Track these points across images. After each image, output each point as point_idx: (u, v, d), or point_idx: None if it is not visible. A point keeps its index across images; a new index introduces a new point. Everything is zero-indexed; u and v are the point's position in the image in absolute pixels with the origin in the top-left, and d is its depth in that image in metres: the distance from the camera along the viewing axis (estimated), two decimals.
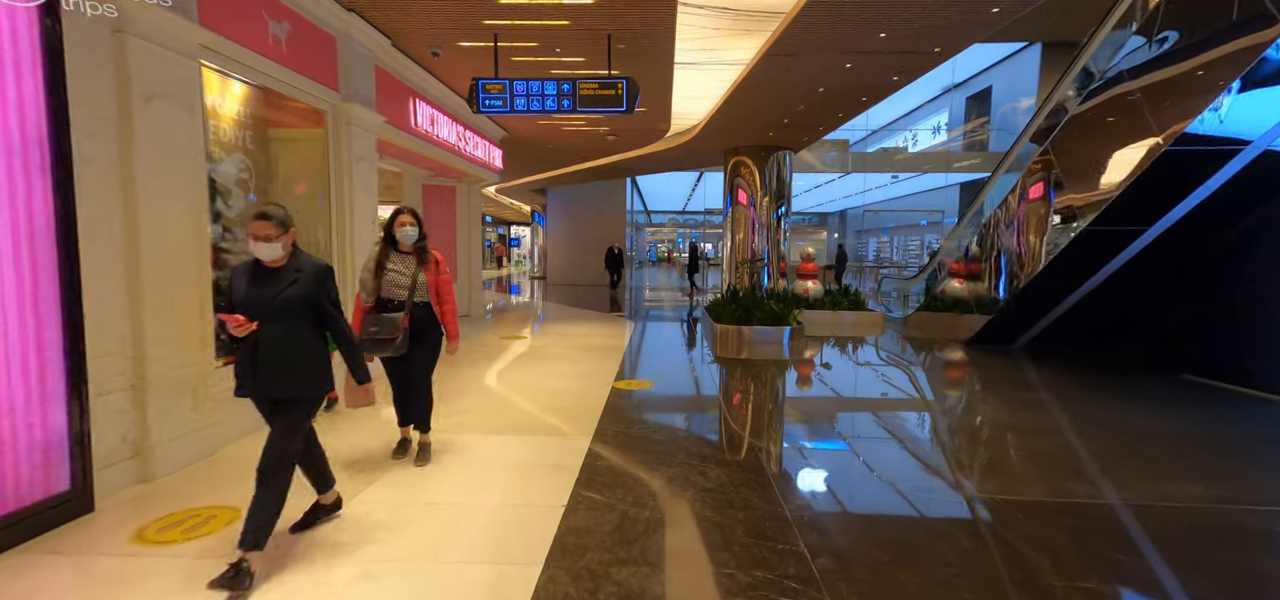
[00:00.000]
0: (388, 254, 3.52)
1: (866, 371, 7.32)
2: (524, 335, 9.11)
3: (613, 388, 5.75)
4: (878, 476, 3.76)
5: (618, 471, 3.66)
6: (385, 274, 3.48)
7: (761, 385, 6.33)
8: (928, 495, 3.52)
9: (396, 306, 3.48)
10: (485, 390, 5.59)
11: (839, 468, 3.91)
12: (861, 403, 5.80)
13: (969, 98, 24.95)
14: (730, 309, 9.02)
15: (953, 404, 5.76)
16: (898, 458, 4.22)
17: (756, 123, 9.50)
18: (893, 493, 3.52)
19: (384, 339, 3.38)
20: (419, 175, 10.31)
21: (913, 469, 4.00)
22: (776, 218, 11.93)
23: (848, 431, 4.79)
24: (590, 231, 21.11)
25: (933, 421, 5.11)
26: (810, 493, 3.47)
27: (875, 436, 4.70)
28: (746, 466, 3.78)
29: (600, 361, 7.02)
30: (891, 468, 4.00)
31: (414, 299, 3.51)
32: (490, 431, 4.43)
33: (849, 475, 3.80)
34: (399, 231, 3.51)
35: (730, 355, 8.14)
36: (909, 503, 3.35)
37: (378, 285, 3.48)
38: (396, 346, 3.40)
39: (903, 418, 5.30)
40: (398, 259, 3.52)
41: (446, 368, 6.51)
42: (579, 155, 13.56)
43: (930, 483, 3.74)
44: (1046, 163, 6.99)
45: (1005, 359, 7.47)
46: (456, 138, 8.37)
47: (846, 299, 11.29)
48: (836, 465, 3.97)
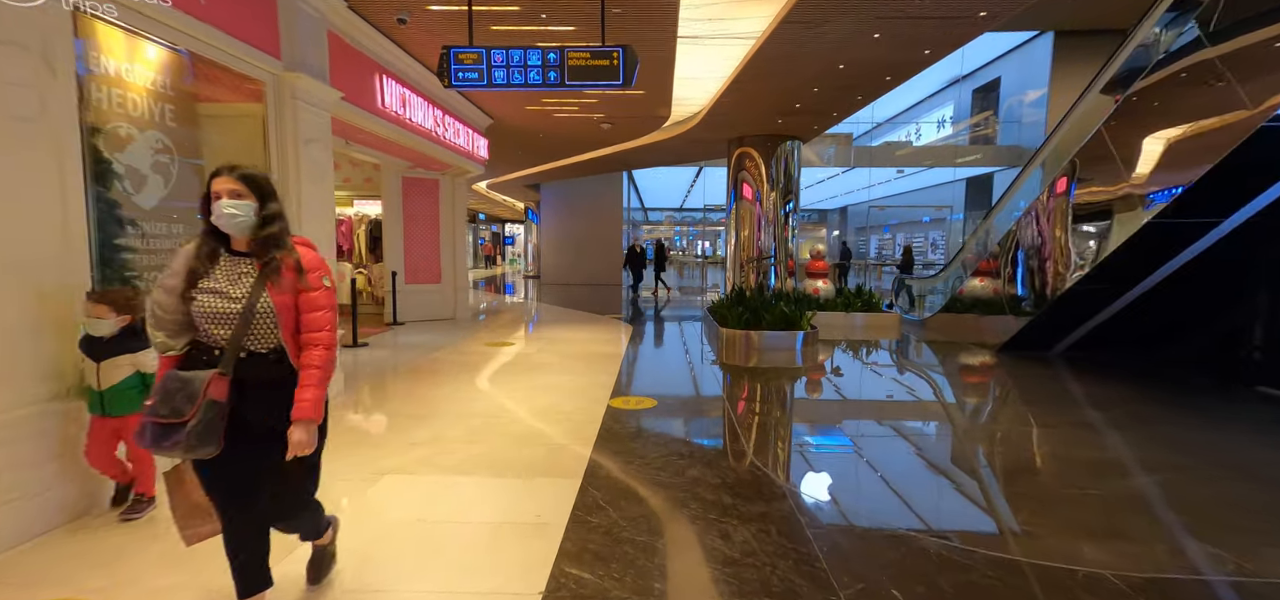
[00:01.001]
0: (207, 254, 1.90)
1: (894, 386, 6.51)
2: (512, 341, 8.28)
3: (608, 407, 4.93)
4: (945, 548, 2.93)
5: (615, 533, 2.83)
6: (198, 296, 1.86)
7: (777, 401, 5.52)
8: (1023, 580, 2.70)
9: (211, 359, 1.87)
10: (458, 412, 4.75)
11: (882, 510, 3.10)
12: (896, 426, 4.99)
13: (975, 90, 24.24)
14: (737, 312, 8.21)
15: (1011, 432, 4.94)
16: (966, 513, 3.41)
17: (766, 107, 8.68)
18: (969, 562, 2.70)
19: (172, 423, 1.77)
20: (398, 166, 9.45)
21: (989, 533, 3.19)
22: (784, 213, 11.12)
23: (887, 464, 3.98)
24: (585, 229, 20.28)
25: (996, 459, 4.29)
26: (862, 560, 2.65)
27: (924, 479, 3.88)
28: (778, 520, 2.96)
29: (594, 372, 6.20)
30: (963, 521, 3.19)
31: (251, 344, 1.88)
32: (456, 470, 3.59)
33: (905, 550, 2.99)
34: (217, 209, 1.84)
35: (737, 362, 7.35)
36: (1006, 586, 2.54)
37: (182, 313, 1.88)
38: (200, 438, 1.76)
39: (957, 453, 4.49)
40: (226, 265, 1.90)
41: (416, 382, 5.69)
42: (572, 146, 12.71)
43: (1026, 549, 2.93)
44: (1102, 147, 6.19)
45: (1046, 369, 6.69)
46: (433, 123, 7.52)
47: (860, 300, 10.51)
48: (880, 508, 3.16)
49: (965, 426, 5.00)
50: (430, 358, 6.95)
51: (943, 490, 3.62)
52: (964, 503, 3.49)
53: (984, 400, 5.85)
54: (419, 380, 5.83)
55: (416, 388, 5.57)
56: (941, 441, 4.57)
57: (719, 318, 8.58)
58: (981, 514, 3.39)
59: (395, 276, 9.79)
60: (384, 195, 9.78)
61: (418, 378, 5.94)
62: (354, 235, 10.84)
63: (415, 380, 5.81)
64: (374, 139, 6.94)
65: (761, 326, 8.03)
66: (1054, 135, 7.40)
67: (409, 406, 4.90)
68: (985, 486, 3.70)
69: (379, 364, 6.60)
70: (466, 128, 8.90)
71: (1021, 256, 7.45)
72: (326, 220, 4.89)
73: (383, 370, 6.32)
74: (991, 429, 4.89)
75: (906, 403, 5.69)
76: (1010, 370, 6.70)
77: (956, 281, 9.43)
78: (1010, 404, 5.59)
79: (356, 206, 11.04)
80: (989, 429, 4.90)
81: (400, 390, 5.49)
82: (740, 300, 8.93)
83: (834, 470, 3.78)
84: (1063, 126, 7.36)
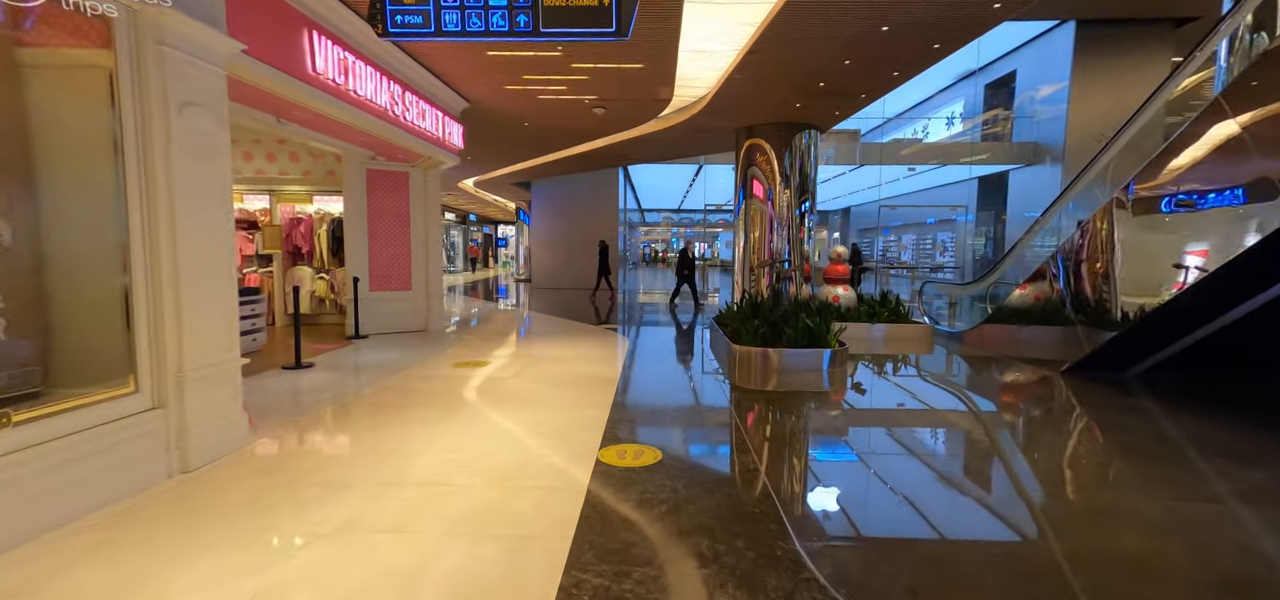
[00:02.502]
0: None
1: (946, 416, 5.27)
2: (487, 360, 7.02)
3: (596, 463, 3.69)
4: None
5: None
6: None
7: (815, 444, 4.29)
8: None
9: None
10: (389, 479, 3.49)
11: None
12: (987, 499, 3.76)
13: (987, 85, 23.18)
14: (751, 325, 6.99)
15: (1149, 512, 3.72)
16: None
17: (784, 85, 7.46)
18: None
19: None
20: (359, 156, 8.19)
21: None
22: (799, 213, 9.90)
23: (977, 526, 2.75)
24: (579, 230, 19.04)
25: (1158, 562, 3.07)
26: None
27: (1034, 567, 2.65)
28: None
29: (581, 404, 4.96)
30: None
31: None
32: (359, 594, 2.34)
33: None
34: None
35: (752, 385, 6.16)
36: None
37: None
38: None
39: (1089, 547, 3.25)
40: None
41: (350, 425, 4.42)
42: (562, 137, 11.48)
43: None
44: (1218, 128, 4.98)
45: (1131, 399, 5.47)
46: (390, 100, 6.26)
47: (886, 309, 9.29)
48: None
49: (1081, 499, 3.75)
50: (381, 386, 5.70)
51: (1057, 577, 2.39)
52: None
53: (1086, 448, 4.61)
54: (355, 422, 4.57)
55: (347, 435, 4.31)
56: (1065, 526, 3.33)
57: (731, 332, 7.35)
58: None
59: (357, 283, 8.53)
60: (345, 189, 8.52)
61: (355, 418, 4.68)
62: (314, 235, 9.57)
63: (349, 422, 4.56)
64: (312, 116, 5.68)
65: (781, 343, 6.82)
66: (1135, 122, 6.19)
67: (325, 469, 3.63)
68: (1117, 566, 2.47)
69: (315, 395, 5.34)
70: (436, 110, 7.65)
71: (1104, 260, 6.25)
72: (217, 211, 3.63)
73: (315, 404, 5.06)
74: (1118, 503, 3.66)
75: (980, 446, 4.46)
76: (1091, 400, 5.49)
77: (1002, 288, 8.23)
78: (1122, 458, 4.35)
79: (317, 203, 9.77)
80: (1115, 502, 3.66)
81: (323, 440, 4.23)
82: (755, 312, 7.70)
83: (922, 575, 2.55)
84: (1144, 114, 6.15)
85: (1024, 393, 6.06)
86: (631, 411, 4.91)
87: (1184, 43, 17.80)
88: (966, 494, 3.63)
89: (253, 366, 6.43)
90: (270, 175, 9.51)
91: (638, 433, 4.35)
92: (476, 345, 8.12)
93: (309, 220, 9.61)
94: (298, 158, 9.55)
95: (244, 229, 9.74)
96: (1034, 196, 19.35)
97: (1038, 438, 4.73)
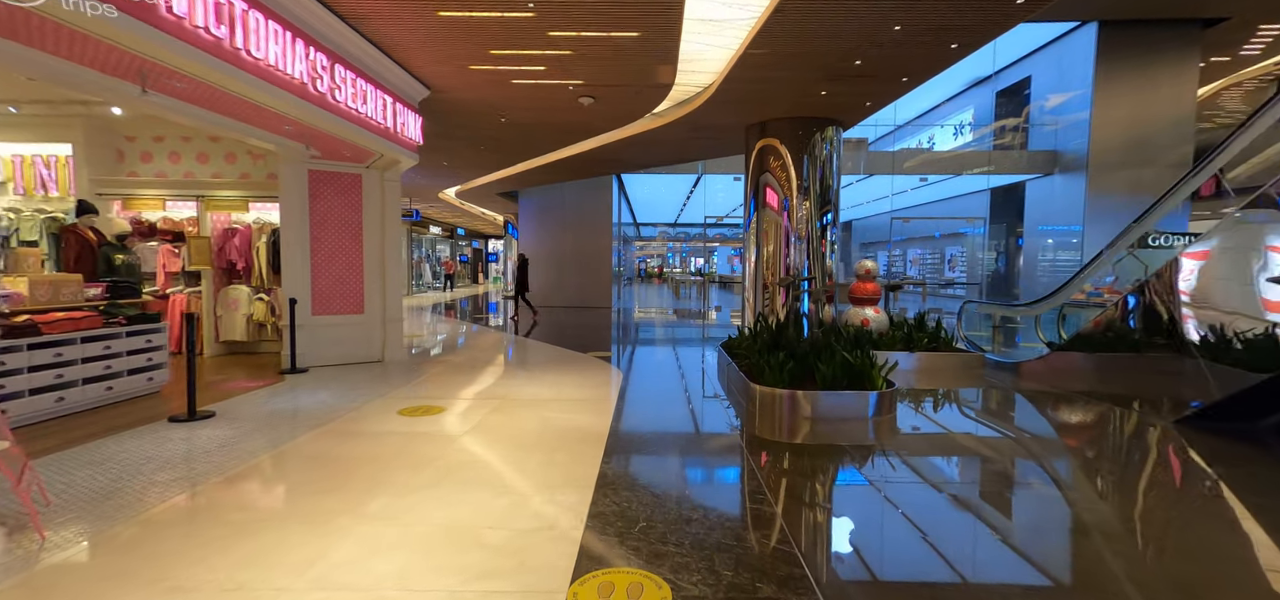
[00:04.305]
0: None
1: (1071, 496, 3.84)
2: (443, 405, 5.55)
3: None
4: None
5: None
6: None
7: (873, 528, 2.85)
8: None
9: None
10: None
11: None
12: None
13: (998, 92, 22.12)
14: (775, 360, 5.58)
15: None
16: None
17: (811, 66, 6.10)
18: None
19: None
20: (295, 153, 6.78)
21: None
22: (820, 226, 8.54)
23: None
24: (570, 244, 17.66)
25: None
26: None
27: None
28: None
29: (553, 486, 3.52)
30: None
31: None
32: None
33: None
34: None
35: (779, 436, 4.81)
36: None
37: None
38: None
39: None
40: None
41: (213, 523, 2.90)
42: (546, 136, 10.11)
43: None
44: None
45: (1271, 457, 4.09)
46: (310, 73, 4.84)
47: (924, 335, 7.91)
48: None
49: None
50: (287, 449, 4.23)
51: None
52: None
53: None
54: (208, 521, 3.09)
55: (176, 552, 2.82)
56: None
57: (748, 368, 5.94)
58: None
59: (295, 306, 7.07)
60: (282, 193, 7.10)
61: (213, 512, 3.21)
62: (252, 248, 8.12)
63: (196, 524, 3.06)
64: (190, 87, 4.24)
65: (813, 383, 5.41)
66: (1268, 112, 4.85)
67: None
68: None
69: (189, 465, 3.87)
70: (384, 94, 6.24)
71: (1246, 277, 4.90)
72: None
73: (170, 485, 3.58)
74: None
75: (1123, 545, 3.03)
76: (1241, 466, 4.09)
77: (1073, 309, 6.85)
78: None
79: (255, 212, 8.34)
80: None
81: (127, 562, 2.73)
82: (777, 341, 6.29)
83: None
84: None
85: (1139, 444, 4.64)
86: (625, 495, 3.46)
87: (1212, 45, 16.72)
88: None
89: (137, 415, 4.97)
90: (202, 179, 8.08)
91: (634, 537, 2.90)
92: (437, 381, 6.66)
93: (246, 231, 8.16)
94: (234, 158, 8.13)
95: (168, 241, 8.28)
96: (1054, 208, 18.16)
97: (1218, 538, 3.30)
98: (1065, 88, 18.08)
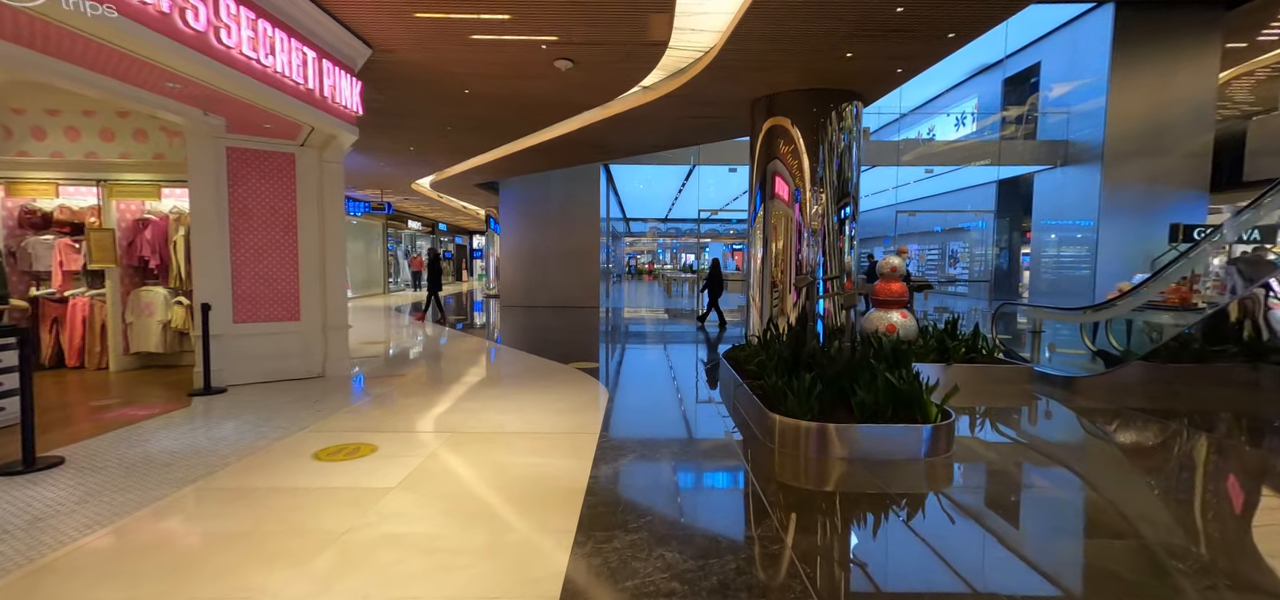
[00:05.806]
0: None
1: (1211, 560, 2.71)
2: (375, 444, 4.32)
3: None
4: None
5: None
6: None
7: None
8: None
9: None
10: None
11: None
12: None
13: (1005, 80, 21.15)
14: (800, 382, 4.41)
15: None
16: None
17: (832, 21, 4.92)
18: None
19: None
20: (205, 128, 5.51)
21: None
22: (838, 220, 7.40)
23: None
24: (554, 240, 16.42)
25: None
26: None
27: None
28: None
29: (500, 586, 2.33)
30: None
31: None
32: None
33: None
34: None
35: (807, 484, 3.72)
36: None
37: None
38: None
39: None
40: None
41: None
42: (520, 113, 8.87)
43: None
44: None
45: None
46: (206, 18, 3.60)
47: (961, 345, 6.79)
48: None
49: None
50: (131, 521, 3.01)
51: None
52: None
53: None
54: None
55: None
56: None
57: (759, 385, 4.79)
58: None
59: (209, 313, 5.80)
60: (191, 177, 5.83)
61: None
62: (169, 243, 6.84)
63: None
64: (11, 22, 3.00)
65: (848, 412, 4.26)
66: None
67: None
68: None
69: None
70: (307, 47, 4.99)
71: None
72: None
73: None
74: None
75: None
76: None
77: (1160, 317, 5.75)
78: None
79: (171, 199, 7.05)
80: None
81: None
82: (797, 355, 5.12)
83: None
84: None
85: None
86: (608, 573, 2.27)
87: (1234, 28, 15.77)
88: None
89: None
90: (107, 160, 6.78)
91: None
92: (381, 405, 5.43)
93: (161, 222, 6.87)
94: (145, 136, 6.84)
95: (66, 234, 6.97)
96: (1066, 201, 17.18)
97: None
98: (1078, 74, 17.09)
